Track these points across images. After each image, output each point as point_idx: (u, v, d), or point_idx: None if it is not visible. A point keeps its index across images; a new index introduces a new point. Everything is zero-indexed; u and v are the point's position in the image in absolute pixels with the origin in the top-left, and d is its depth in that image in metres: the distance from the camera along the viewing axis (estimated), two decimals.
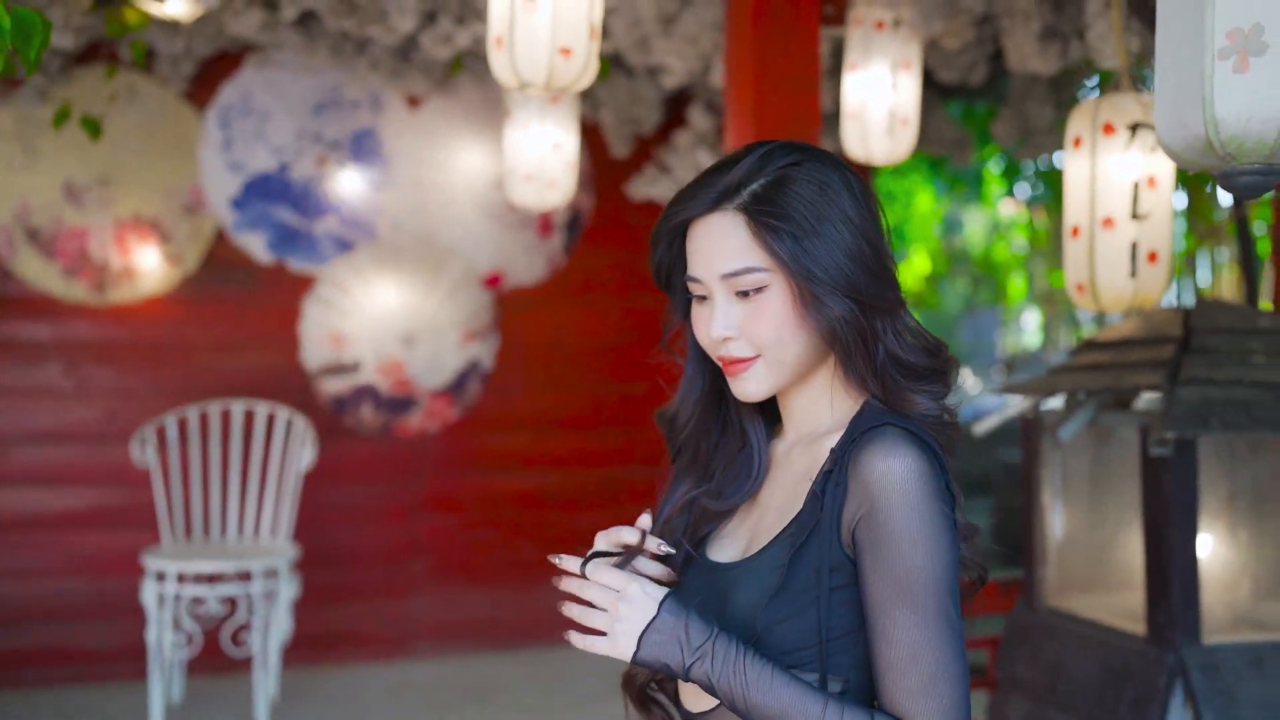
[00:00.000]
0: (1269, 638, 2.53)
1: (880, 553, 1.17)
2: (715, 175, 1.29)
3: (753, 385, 1.29)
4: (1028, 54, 3.81)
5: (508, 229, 5.28)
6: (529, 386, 5.42)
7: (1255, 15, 1.55)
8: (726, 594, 1.28)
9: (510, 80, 2.61)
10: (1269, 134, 1.56)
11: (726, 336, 1.27)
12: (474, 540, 5.36)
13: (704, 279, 1.29)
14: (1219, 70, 1.57)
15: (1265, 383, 2.48)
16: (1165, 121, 1.66)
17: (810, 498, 1.24)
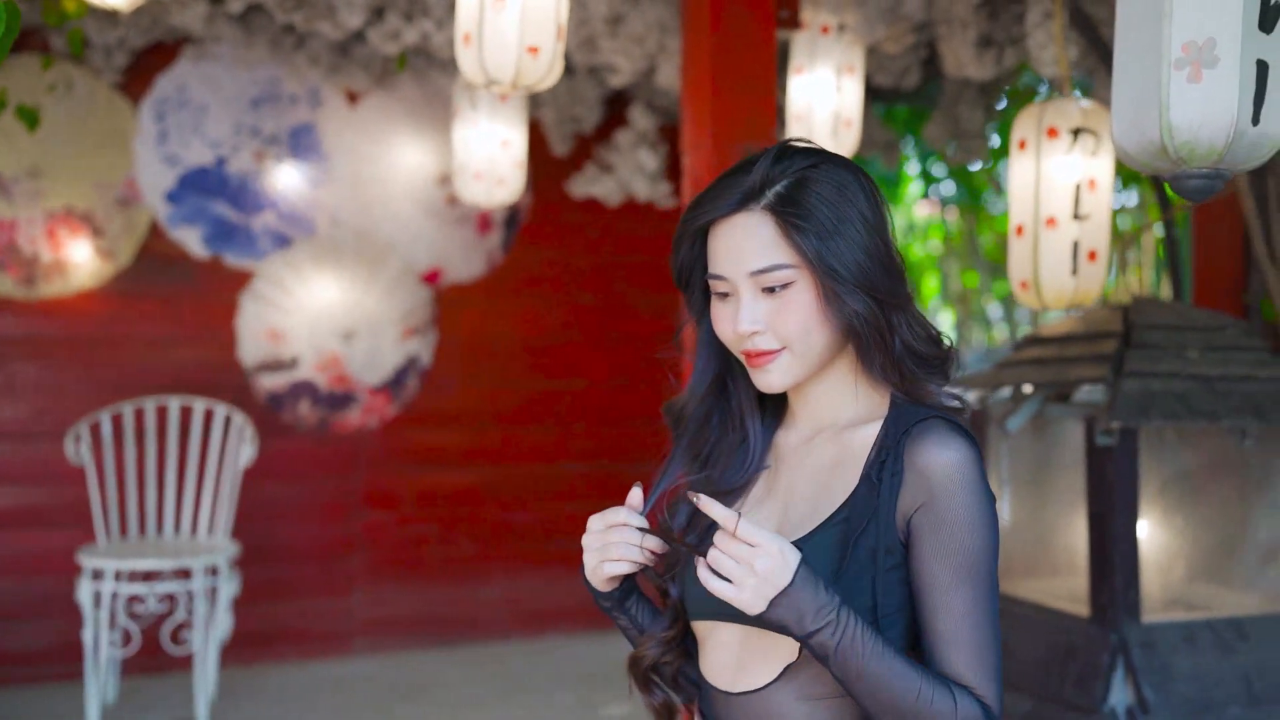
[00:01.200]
0: (1200, 616, 2.68)
1: (942, 535, 1.26)
2: (736, 177, 1.34)
3: (777, 377, 1.35)
4: (965, 60, 3.95)
5: (447, 225, 5.29)
6: (467, 383, 5.43)
7: (1208, 30, 1.66)
8: None
9: (478, 78, 2.64)
10: (1218, 140, 1.67)
11: (754, 331, 1.33)
12: (412, 536, 5.36)
13: (730, 276, 1.34)
14: (1174, 80, 1.68)
15: (1200, 376, 2.63)
16: (1123, 126, 1.77)
17: (865, 485, 1.30)
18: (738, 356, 1.39)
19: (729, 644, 1.37)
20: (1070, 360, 2.74)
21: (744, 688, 1.34)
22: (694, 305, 1.45)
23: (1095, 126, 2.79)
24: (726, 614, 1.35)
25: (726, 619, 1.36)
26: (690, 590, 1.42)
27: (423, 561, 5.36)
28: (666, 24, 4.15)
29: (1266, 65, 1.65)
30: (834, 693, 1.29)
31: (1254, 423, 2.58)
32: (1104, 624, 2.59)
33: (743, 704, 1.34)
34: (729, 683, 1.36)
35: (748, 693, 1.34)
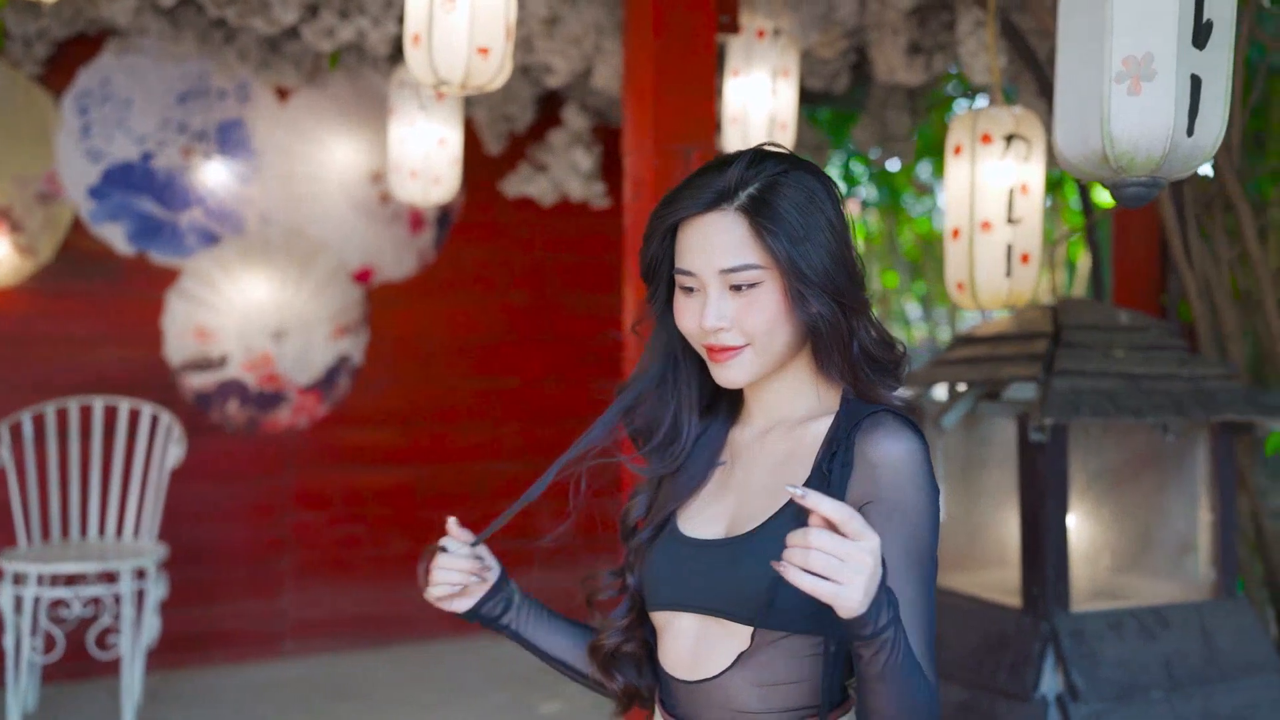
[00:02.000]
0: (1125, 605, 2.79)
1: (894, 524, 1.28)
2: (709, 177, 1.38)
3: (737, 372, 1.39)
4: (896, 66, 4.04)
5: (379, 224, 5.26)
6: (399, 382, 5.41)
7: (1146, 45, 1.74)
8: (729, 567, 1.36)
9: (427, 78, 2.64)
10: (1156, 150, 1.76)
11: (720, 327, 1.36)
12: (343, 536, 5.32)
13: (699, 272, 1.37)
14: (1115, 92, 1.76)
15: (1126, 374, 2.74)
16: (1065, 136, 1.84)
17: (816, 476, 1.34)
18: (697, 350, 1.42)
19: (687, 633, 1.40)
20: (1002, 359, 2.84)
21: (701, 675, 1.37)
22: (658, 298, 1.48)
23: (1027, 133, 2.89)
24: (685, 603, 1.40)
25: (684, 609, 1.40)
26: (648, 580, 1.46)
27: (354, 561, 5.33)
28: (603, 25, 4.18)
29: (1199, 79, 1.74)
30: (786, 679, 1.33)
31: (1176, 418, 2.70)
32: (1035, 614, 2.69)
33: (702, 691, 1.37)
34: (687, 671, 1.39)
35: (705, 680, 1.37)
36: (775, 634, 1.32)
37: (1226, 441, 2.86)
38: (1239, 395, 2.81)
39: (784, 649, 1.32)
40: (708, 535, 1.42)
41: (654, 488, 1.54)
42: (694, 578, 1.39)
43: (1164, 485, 2.98)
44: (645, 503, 1.55)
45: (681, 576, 1.41)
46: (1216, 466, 2.87)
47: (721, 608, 1.35)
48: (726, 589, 1.35)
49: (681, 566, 1.41)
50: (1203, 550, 2.89)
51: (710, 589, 1.37)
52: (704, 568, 1.39)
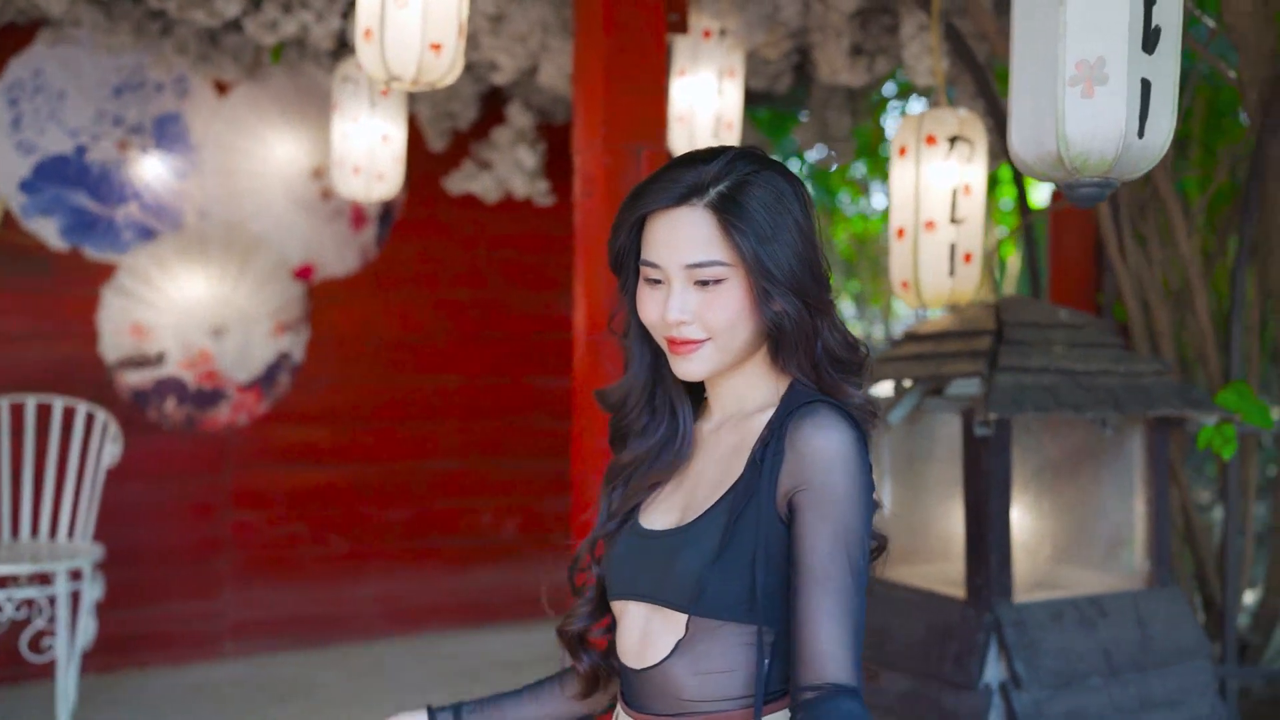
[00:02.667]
0: (1065, 595, 2.86)
1: (822, 512, 1.31)
2: (681, 172, 1.39)
3: (696, 365, 1.40)
4: (839, 67, 4.10)
5: (319, 220, 5.21)
6: (340, 379, 5.36)
7: (1099, 49, 1.80)
8: (670, 558, 1.39)
9: (379, 73, 2.64)
10: (1108, 152, 1.81)
11: (682, 320, 1.38)
12: (282, 535, 5.26)
13: (665, 265, 1.39)
14: (1069, 95, 1.81)
15: (1065, 370, 2.81)
16: (1021, 138, 1.89)
17: (750, 466, 1.37)
18: (658, 341, 1.44)
19: (636, 621, 1.43)
20: (947, 356, 2.90)
21: (647, 663, 1.40)
22: (628, 289, 1.49)
23: (970, 135, 2.96)
24: (634, 593, 1.43)
25: (634, 598, 1.43)
26: (608, 571, 1.49)
27: (294, 561, 5.28)
28: (549, 23, 4.19)
29: (1149, 83, 1.79)
30: (722, 668, 1.36)
31: (1114, 413, 2.78)
32: (979, 605, 2.75)
33: (648, 679, 1.40)
34: (636, 659, 1.42)
35: (650, 668, 1.40)
36: (711, 622, 1.35)
37: (1160, 436, 2.95)
38: (1172, 391, 2.90)
39: (720, 638, 1.35)
40: (660, 526, 1.45)
41: (626, 480, 1.53)
42: (643, 568, 1.42)
43: (1100, 479, 3.06)
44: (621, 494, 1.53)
45: (633, 567, 1.44)
46: (1151, 460, 2.96)
47: (661, 596, 1.39)
48: (666, 578, 1.38)
49: (634, 557, 1.45)
50: (1137, 541, 2.98)
51: (653, 579, 1.40)
52: (651, 558, 1.42)
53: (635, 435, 1.51)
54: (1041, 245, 4.30)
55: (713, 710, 1.36)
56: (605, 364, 3.11)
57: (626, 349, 1.52)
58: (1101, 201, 1.92)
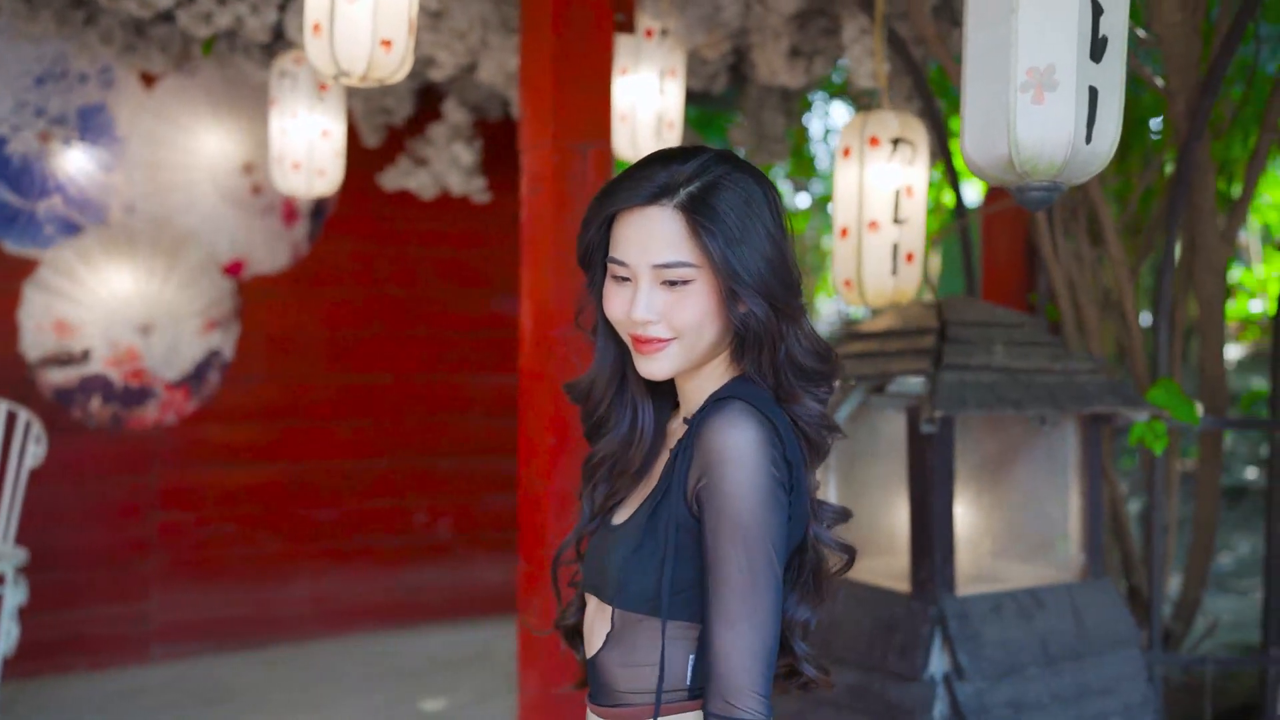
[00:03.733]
0: (1005, 588, 2.93)
1: (718, 506, 1.32)
2: (653, 170, 1.39)
3: (659, 365, 1.41)
4: (778, 68, 4.15)
5: (250, 215, 5.13)
6: (271, 377, 5.28)
7: (1049, 57, 1.85)
8: (609, 552, 1.45)
9: (328, 69, 2.61)
10: (1057, 156, 1.87)
11: (648, 320, 1.38)
12: (212, 536, 5.17)
13: (633, 264, 1.38)
14: (1020, 101, 1.86)
15: (1005, 368, 2.88)
16: (974, 142, 1.94)
17: (668, 463, 1.41)
18: (623, 337, 1.45)
19: (590, 612, 1.51)
20: (891, 355, 2.95)
21: (591, 653, 1.48)
22: (595, 285, 1.49)
23: (913, 137, 3.01)
24: (589, 585, 1.51)
25: (589, 590, 1.51)
26: (583, 563, 1.56)
27: (224, 562, 5.19)
28: (489, 20, 4.17)
29: (1096, 90, 1.85)
30: (645, 661, 1.39)
31: (1052, 410, 2.85)
32: (923, 598, 2.81)
33: (592, 668, 1.48)
34: (590, 647, 1.49)
35: (592, 658, 1.47)
36: (633, 616, 1.39)
37: (1094, 432, 3.04)
38: (1106, 388, 2.99)
39: (643, 631, 1.39)
40: (617, 521, 1.50)
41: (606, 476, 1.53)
42: (590, 563, 1.51)
43: (1035, 474, 3.14)
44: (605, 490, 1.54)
45: (591, 561, 1.51)
46: (1085, 456, 3.04)
47: (600, 590, 1.46)
48: (604, 572, 1.45)
49: (594, 552, 1.52)
50: (1072, 534, 3.07)
51: (597, 572, 1.47)
52: (597, 554, 1.50)
53: (606, 429, 1.53)
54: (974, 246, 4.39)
55: (642, 703, 1.40)
56: (552, 362, 3.12)
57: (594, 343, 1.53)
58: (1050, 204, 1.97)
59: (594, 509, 1.53)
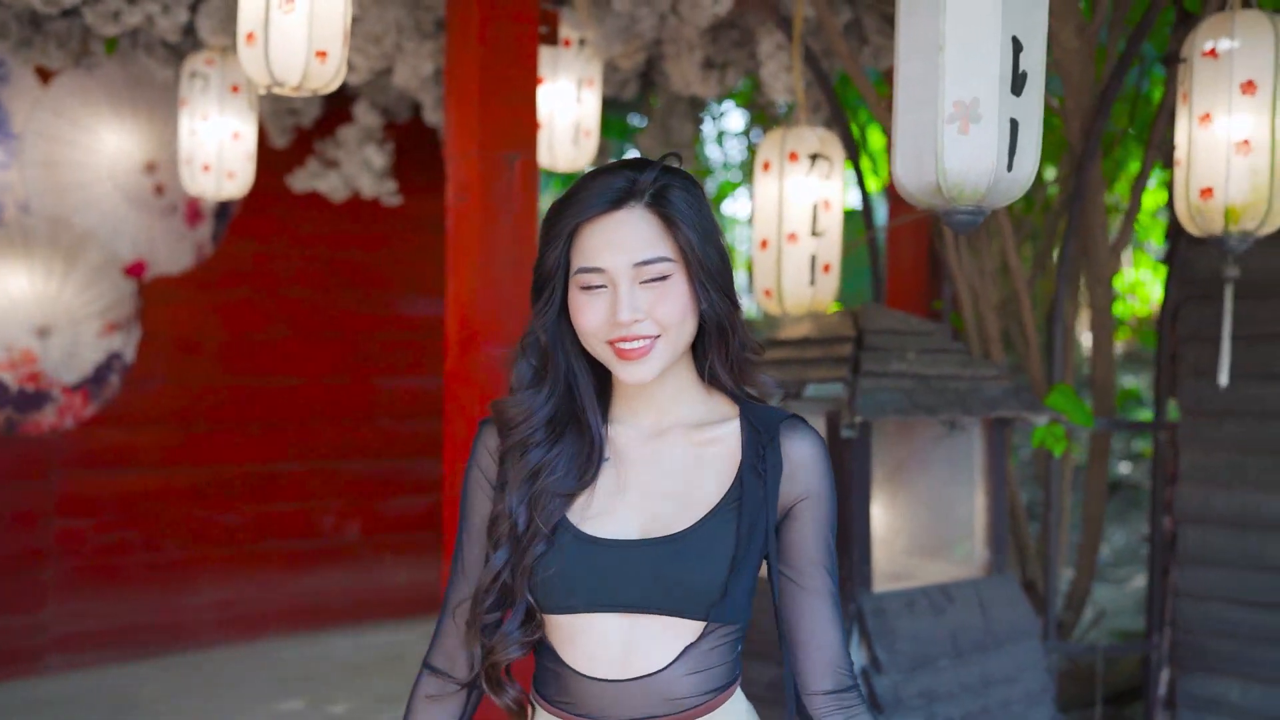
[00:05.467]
0: (917, 584, 3.08)
1: (822, 518, 1.46)
2: (611, 179, 1.41)
3: (649, 366, 1.41)
4: (691, 79, 4.24)
5: (152, 215, 5.03)
6: (174, 380, 5.19)
7: (974, 91, 1.98)
8: (675, 566, 1.41)
9: (262, 78, 2.61)
10: (981, 183, 2.00)
11: (635, 319, 1.39)
12: (113, 543, 5.05)
13: (610, 268, 1.40)
14: (947, 132, 1.99)
15: (919, 375, 3.02)
16: (904, 168, 2.06)
17: (751, 477, 1.45)
18: (596, 352, 1.43)
19: (614, 632, 1.42)
20: (809, 362, 3.07)
21: (639, 672, 1.41)
22: (552, 307, 1.46)
23: (830, 153, 3.14)
24: (615, 604, 1.41)
25: (611, 609, 1.41)
26: (555, 585, 1.42)
27: (124, 569, 5.08)
28: (404, 25, 4.18)
29: (1017, 122, 1.99)
30: (717, 663, 1.44)
31: (962, 415, 3.01)
32: (843, 595, 2.94)
33: (635, 687, 1.41)
34: (617, 670, 1.42)
35: (642, 676, 1.41)
36: (724, 625, 1.43)
37: (999, 435, 3.21)
38: (1010, 394, 3.16)
39: (722, 637, 1.44)
40: (622, 535, 1.44)
41: (527, 488, 1.46)
42: (623, 579, 1.41)
43: (944, 476, 3.30)
44: (524, 508, 1.45)
45: (603, 578, 1.41)
46: (990, 458, 3.21)
47: (667, 606, 1.40)
48: (673, 588, 1.40)
49: (601, 568, 1.42)
50: (978, 533, 3.23)
51: (650, 589, 1.40)
52: (636, 569, 1.41)
53: (534, 446, 1.47)
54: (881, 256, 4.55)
55: (697, 704, 1.44)
56: (477, 368, 3.16)
57: (527, 368, 1.48)
58: (975, 226, 2.10)
59: (527, 524, 1.44)
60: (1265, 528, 3.47)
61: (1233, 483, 3.53)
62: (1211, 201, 2.73)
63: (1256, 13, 2.70)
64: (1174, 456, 3.68)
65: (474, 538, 1.51)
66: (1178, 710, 3.68)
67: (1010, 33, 1.98)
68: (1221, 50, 2.71)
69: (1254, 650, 3.51)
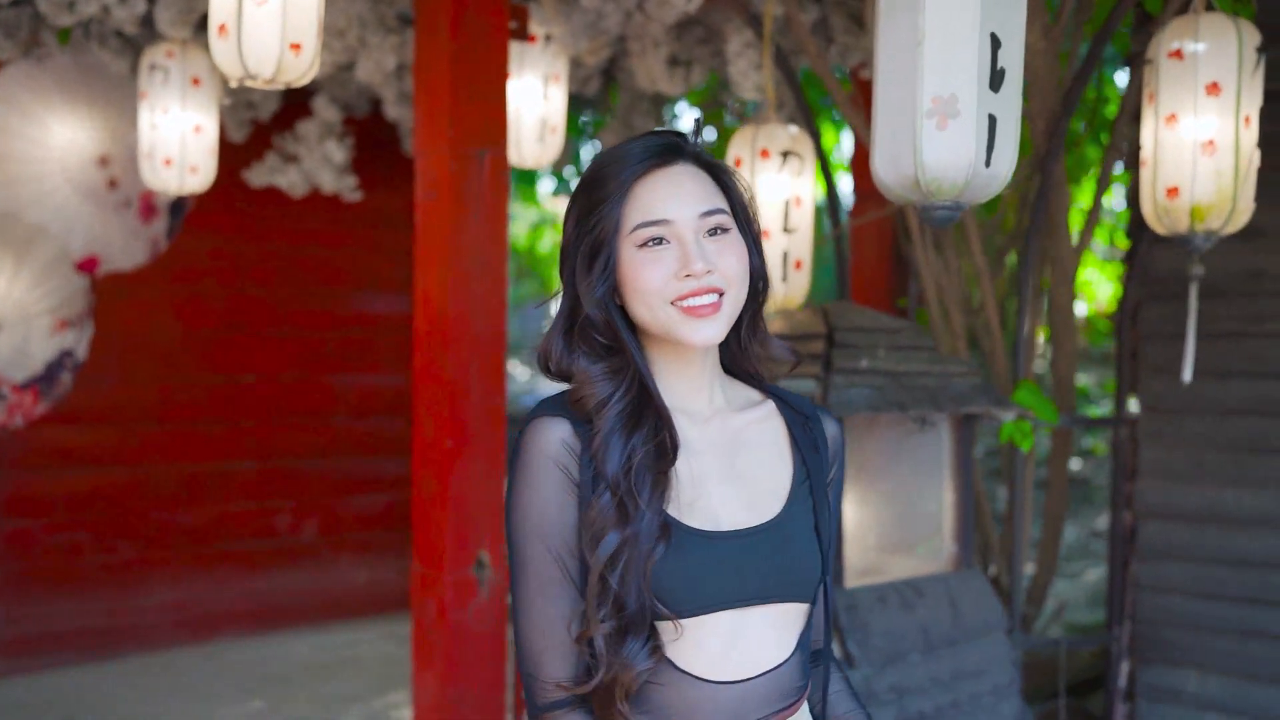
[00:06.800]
0: (888, 579, 3.10)
1: (838, 501, 1.53)
2: (650, 140, 1.38)
3: (718, 325, 1.34)
4: (657, 76, 4.24)
5: (105, 210, 4.93)
6: (127, 378, 5.10)
7: (952, 86, 2.00)
8: (784, 551, 1.37)
9: (235, 71, 2.57)
10: (959, 179, 2.01)
11: (707, 269, 1.32)
12: (63, 543, 4.96)
13: (676, 219, 1.33)
14: (925, 127, 2.00)
15: (888, 371, 3.04)
16: (883, 163, 2.08)
17: (810, 458, 1.43)
18: (657, 316, 1.34)
19: (726, 630, 1.33)
20: None
21: (765, 667, 1.35)
22: (610, 273, 1.35)
23: (800, 150, 3.15)
24: (733, 599, 1.32)
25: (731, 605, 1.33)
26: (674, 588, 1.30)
27: (76, 570, 4.98)
28: (366, 19, 4.14)
29: (995, 118, 2.00)
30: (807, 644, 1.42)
31: (932, 411, 3.03)
32: None
33: (762, 685, 1.35)
34: (734, 671, 1.33)
35: (768, 671, 1.35)
36: (812, 607, 1.42)
37: (967, 432, 3.24)
38: (979, 390, 3.19)
39: (810, 619, 1.43)
40: (733, 525, 1.36)
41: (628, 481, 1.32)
42: (742, 571, 1.33)
43: (913, 471, 3.33)
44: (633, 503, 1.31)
45: (723, 573, 1.32)
46: (958, 454, 3.24)
47: (788, 593, 1.36)
48: (788, 574, 1.36)
49: (720, 563, 1.32)
50: (946, 528, 3.26)
51: (767, 578, 1.34)
52: (751, 559, 1.34)
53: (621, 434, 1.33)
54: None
55: (799, 695, 1.40)
56: (448, 366, 3.13)
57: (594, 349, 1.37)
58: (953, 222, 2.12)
59: (648, 524, 1.30)
60: (1224, 522, 3.54)
61: (1193, 478, 3.60)
62: (1177, 201, 2.77)
63: (1221, 16, 2.75)
64: (1134, 452, 3.74)
65: (561, 547, 1.33)
66: (1137, 701, 3.75)
67: (989, 29, 2.00)
68: (1187, 52, 2.76)
69: (1212, 642, 3.58)
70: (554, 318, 1.42)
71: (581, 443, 1.33)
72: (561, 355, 1.39)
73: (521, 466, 1.35)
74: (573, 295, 1.39)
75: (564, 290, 1.41)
